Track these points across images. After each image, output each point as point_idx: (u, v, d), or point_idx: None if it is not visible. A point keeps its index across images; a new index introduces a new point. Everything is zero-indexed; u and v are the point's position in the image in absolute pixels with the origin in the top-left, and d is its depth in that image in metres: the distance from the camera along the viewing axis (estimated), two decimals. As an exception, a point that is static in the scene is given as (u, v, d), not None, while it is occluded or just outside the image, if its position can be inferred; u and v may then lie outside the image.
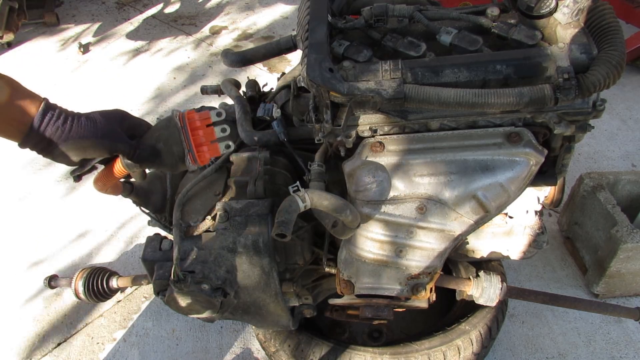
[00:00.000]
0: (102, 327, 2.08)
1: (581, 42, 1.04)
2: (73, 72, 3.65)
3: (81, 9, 4.42)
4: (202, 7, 4.37)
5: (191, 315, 1.31)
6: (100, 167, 1.13)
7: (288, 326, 1.47)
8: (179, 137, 1.08)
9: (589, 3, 1.08)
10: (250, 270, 1.28)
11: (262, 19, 4.15)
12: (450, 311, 1.87)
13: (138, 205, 1.46)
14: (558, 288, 2.08)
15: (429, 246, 1.23)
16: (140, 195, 1.43)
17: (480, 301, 1.47)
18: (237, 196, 1.35)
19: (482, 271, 1.48)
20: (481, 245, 1.50)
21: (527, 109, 1.07)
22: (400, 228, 1.21)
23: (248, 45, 3.83)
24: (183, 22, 4.16)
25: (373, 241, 1.24)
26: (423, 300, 1.39)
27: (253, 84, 1.64)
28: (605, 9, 1.05)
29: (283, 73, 1.73)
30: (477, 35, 1.15)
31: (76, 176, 1.09)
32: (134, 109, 3.20)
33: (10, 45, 3.92)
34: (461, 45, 1.14)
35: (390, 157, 1.15)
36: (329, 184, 1.28)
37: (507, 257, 1.52)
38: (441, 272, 1.34)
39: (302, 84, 1.12)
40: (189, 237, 1.31)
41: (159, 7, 4.40)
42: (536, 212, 1.42)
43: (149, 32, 4.06)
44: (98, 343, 2.02)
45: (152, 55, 3.79)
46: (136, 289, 2.20)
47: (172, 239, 1.33)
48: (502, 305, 1.77)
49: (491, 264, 1.83)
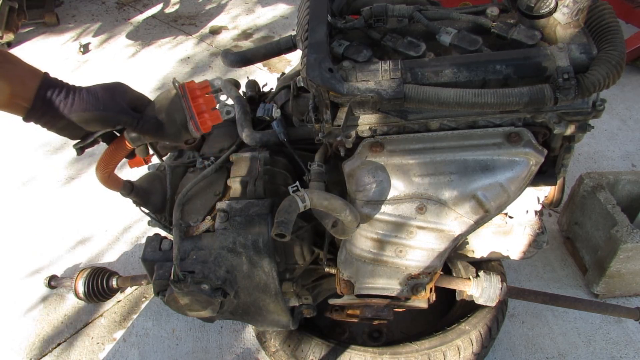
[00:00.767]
0: (102, 327, 2.08)
1: (581, 42, 1.05)
2: (73, 72, 3.65)
3: (81, 9, 4.42)
4: (202, 7, 4.37)
5: (191, 315, 1.31)
6: (102, 145, 1.14)
7: (288, 326, 1.47)
8: (181, 106, 1.10)
9: (589, 3, 1.08)
10: (250, 270, 1.28)
11: (262, 19, 4.15)
12: (450, 311, 1.87)
13: (138, 205, 1.46)
14: (558, 288, 2.08)
15: (429, 246, 1.23)
16: (140, 195, 1.43)
17: (480, 301, 1.47)
18: (237, 196, 1.35)
19: (482, 271, 1.48)
20: (481, 245, 1.50)
21: (527, 109, 1.07)
22: (400, 228, 1.21)
23: (248, 45, 3.83)
24: (183, 22, 4.16)
25: (373, 241, 1.24)
26: (423, 300, 1.39)
27: (253, 84, 1.64)
28: (605, 9, 1.05)
29: (283, 73, 1.73)
30: (477, 35, 1.15)
31: (79, 149, 1.10)
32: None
33: (10, 45, 3.92)
34: (461, 45, 1.14)
35: (390, 157, 1.15)
36: (329, 184, 1.28)
37: (507, 257, 1.52)
38: (441, 272, 1.34)
39: (302, 84, 1.12)
40: (189, 237, 1.31)
41: (159, 7, 4.40)
42: (536, 212, 1.42)
43: (149, 32, 4.06)
44: (98, 343, 2.03)
45: (152, 55, 3.79)
46: (136, 289, 2.20)
47: (172, 239, 1.33)
48: (502, 305, 1.77)
49: (491, 264, 1.83)
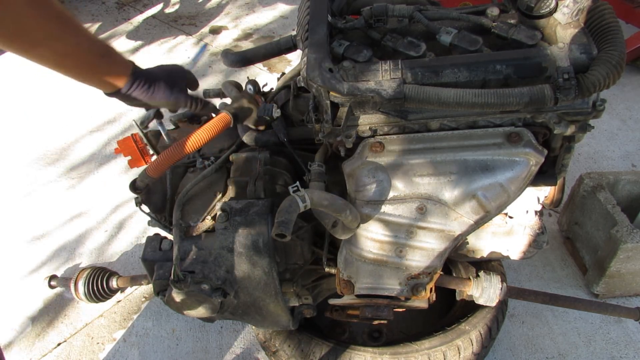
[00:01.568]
0: (102, 327, 2.08)
1: (581, 42, 1.04)
2: (73, 72, 3.65)
3: (81, 9, 4.42)
4: (202, 7, 4.37)
5: (191, 315, 1.31)
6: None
7: (288, 326, 1.47)
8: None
9: (589, 3, 1.08)
10: (250, 270, 1.28)
11: (262, 19, 4.15)
12: (450, 311, 1.87)
13: (138, 205, 1.46)
14: (558, 288, 2.08)
15: (429, 246, 1.23)
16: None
17: (480, 301, 1.47)
18: (237, 196, 1.35)
19: (482, 271, 1.48)
20: (481, 245, 1.50)
21: (527, 109, 1.07)
22: (400, 228, 1.21)
23: (248, 45, 3.83)
24: (183, 22, 4.16)
25: (373, 241, 1.24)
26: (423, 300, 1.39)
27: (253, 84, 1.64)
28: (605, 9, 1.05)
29: (283, 73, 1.73)
30: (477, 35, 1.15)
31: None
32: (134, 110, 3.20)
33: (10, 45, 3.92)
34: (461, 45, 1.14)
35: (390, 157, 1.15)
36: (329, 184, 1.28)
37: (507, 257, 1.52)
38: (441, 272, 1.34)
39: (302, 84, 1.12)
40: (189, 237, 1.31)
41: (159, 7, 4.40)
42: (536, 212, 1.41)
43: (149, 32, 4.06)
44: (98, 343, 2.03)
45: (152, 55, 3.79)
46: (136, 289, 2.20)
47: (172, 239, 1.33)
48: (502, 305, 1.77)
49: (491, 264, 1.82)
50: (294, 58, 3.35)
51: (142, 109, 1.34)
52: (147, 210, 1.48)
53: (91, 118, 3.16)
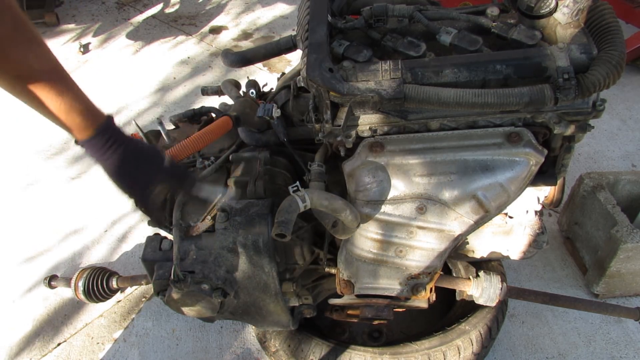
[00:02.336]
0: (102, 327, 2.08)
1: (581, 42, 1.05)
2: (73, 72, 3.62)
3: (81, 9, 4.42)
4: (202, 7, 4.37)
5: (191, 315, 1.31)
6: None
7: (288, 326, 1.47)
8: None
9: (589, 3, 1.08)
10: (250, 270, 1.28)
11: (262, 19, 4.15)
12: (450, 311, 1.87)
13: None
14: (558, 288, 2.08)
15: (429, 246, 1.23)
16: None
17: (480, 301, 1.47)
18: (237, 196, 1.35)
19: (482, 271, 1.48)
20: (481, 245, 1.50)
21: (527, 109, 1.07)
22: (400, 228, 1.21)
23: (248, 45, 3.83)
24: (183, 22, 4.16)
25: (373, 241, 1.24)
26: (423, 300, 1.39)
27: (253, 84, 1.64)
28: (605, 9, 1.05)
29: (283, 73, 1.73)
30: (477, 35, 1.15)
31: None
32: (134, 110, 3.20)
33: (10, 45, 3.92)
34: (461, 45, 1.14)
35: (390, 157, 1.15)
36: (329, 184, 1.28)
37: (507, 257, 1.52)
38: (441, 272, 1.34)
39: (302, 84, 1.12)
40: (189, 237, 1.31)
41: (159, 7, 4.40)
42: (536, 212, 1.41)
43: (149, 32, 4.06)
44: (98, 343, 2.02)
45: (152, 55, 3.79)
46: (136, 289, 2.20)
47: (172, 239, 1.33)
48: (502, 305, 1.77)
49: (491, 264, 1.82)
50: (294, 58, 3.34)
51: (142, 110, 1.31)
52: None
53: (91, 118, 3.15)
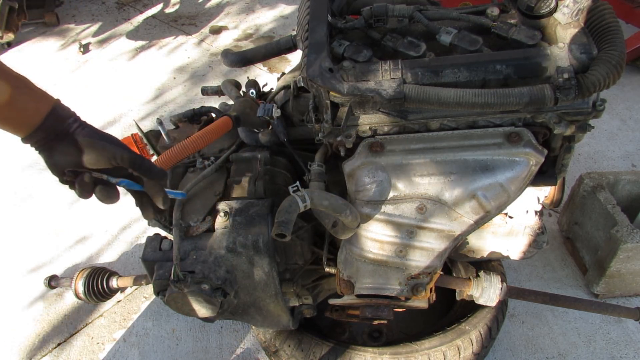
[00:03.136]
0: (102, 327, 2.08)
1: (581, 42, 1.04)
2: (73, 72, 3.65)
3: (81, 9, 4.42)
4: (202, 7, 4.37)
5: (191, 315, 1.31)
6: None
7: (288, 326, 1.47)
8: None
9: (589, 3, 1.08)
10: (250, 270, 1.28)
11: (262, 19, 4.15)
12: (450, 311, 1.87)
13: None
14: (558, 288, 2.08)
15: (429, 246, 1.23)
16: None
17: (480, 301, 1.47)
18: (237, 196, 1.35)
19: (482, 271, 1.48)
20: (481, 245, 1.50)
21: (527, 109, 1.07)
22: (400, 228, 1.21)
23: (248, 45, 3.83)
24: (183, 22, 4.16)
25: (373, 241, 1.24)
26: (423, 300, 1.39)
27: (253, 84, 1.64)
28: (605, 9, 1.05)
29: (283, 73, 1.73)
30: (477, 35, 1.15)
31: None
32: (134, 110, 3.20)
33: (10, 45, 3.92)
34: (461, 45, 1.14)
35: (390, 157, 1.15)
36: (329, 184, 1.28)
37: (507, 257, 1.52)
38: (441, 272, 1.34)
39: (302, 84, 1.12)
40: (189, 237, 1.31)
41: (159, 7, 4.40)
42: (536, 212, 1.41)
43: (149, 32, 4.06)
44: (98, 343, 2.02)
45: (152, 55, 3.79)
46: (136, 289, 2.20)
47: (172, 239, 1.33)
48: (502, 305, 1.77)
49: (491, 264, 1.82)
50: (294, 58, 3.35)
51: (142, 110, 1.31)
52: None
53: (91, 117, 3.15)
